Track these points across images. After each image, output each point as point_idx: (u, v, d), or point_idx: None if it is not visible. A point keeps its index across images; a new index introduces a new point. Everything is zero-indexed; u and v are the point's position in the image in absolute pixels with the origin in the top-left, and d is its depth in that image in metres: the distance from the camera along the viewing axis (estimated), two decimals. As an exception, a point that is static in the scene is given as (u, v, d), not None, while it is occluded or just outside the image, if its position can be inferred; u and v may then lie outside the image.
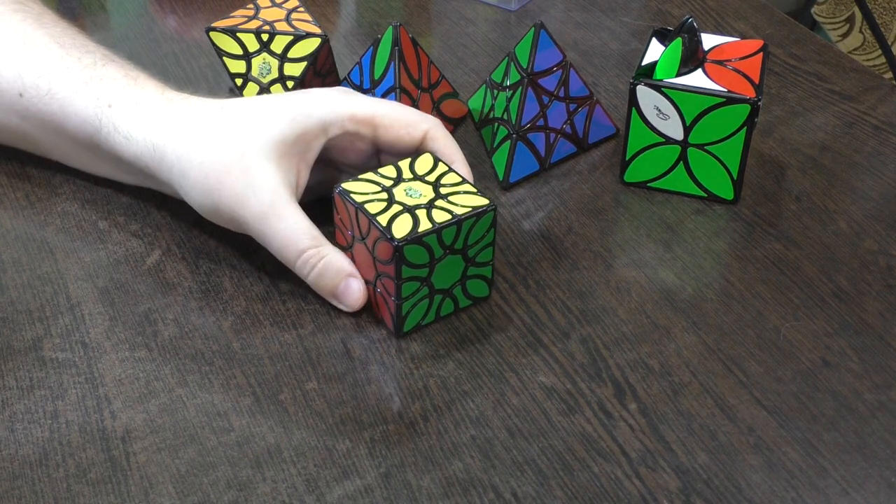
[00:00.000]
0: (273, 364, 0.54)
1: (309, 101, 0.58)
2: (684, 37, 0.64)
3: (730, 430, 0.51)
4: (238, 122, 0.57)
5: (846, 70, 0.79)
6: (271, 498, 0.48)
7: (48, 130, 0.62)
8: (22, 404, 0.52)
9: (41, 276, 0.59)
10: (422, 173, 0.57)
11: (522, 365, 0.55)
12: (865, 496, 0.49)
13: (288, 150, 0.56)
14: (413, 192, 0.55)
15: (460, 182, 0.56)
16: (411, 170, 0.57)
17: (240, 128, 0.57)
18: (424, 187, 0.56)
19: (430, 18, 0.85)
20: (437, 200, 0.55)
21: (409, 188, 0.55)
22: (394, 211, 0.54)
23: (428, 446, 0.50)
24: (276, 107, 0.57)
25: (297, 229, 0.56)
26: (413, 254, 0.53)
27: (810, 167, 0.69)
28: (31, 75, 0.62)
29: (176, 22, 0.83)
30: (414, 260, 0.53)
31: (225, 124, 0.57)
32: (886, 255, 0.62)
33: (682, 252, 0.62)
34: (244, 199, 0.56)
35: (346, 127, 0.58)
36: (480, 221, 0.55)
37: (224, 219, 0.58)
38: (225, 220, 0.58)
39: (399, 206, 0.54)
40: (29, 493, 0.48)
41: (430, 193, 0.55)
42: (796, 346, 0.56)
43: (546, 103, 0.67)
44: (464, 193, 0.56)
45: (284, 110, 0.57)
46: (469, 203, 0.55)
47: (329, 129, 0.58)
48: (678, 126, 0.64)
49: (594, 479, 0.49)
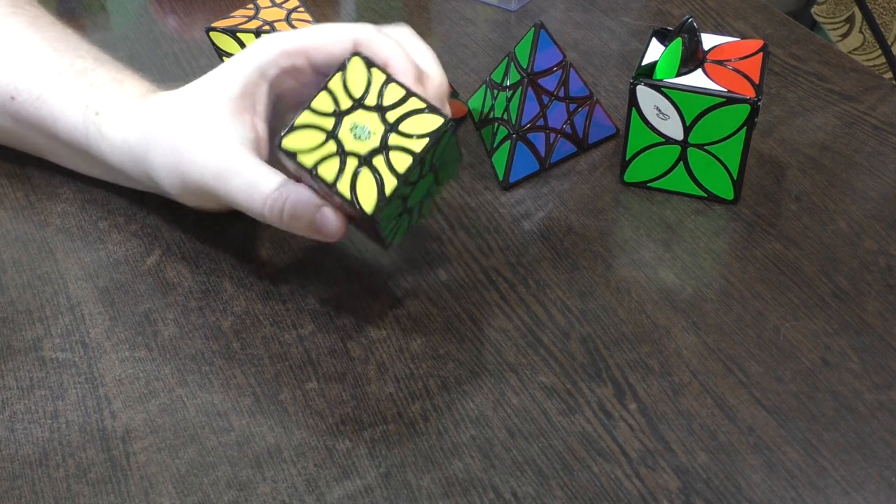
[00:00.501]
0: (273, 364, 0.54)
1: (242, 53, 0.58)
2: (684, 37, 0.64)
3: (730, 430, 0.52)
4: (193, 97, 0.57)
5: (846, 70, 0.79)
6: (271, 498, 0.48)
7: (41, 135, 0.63)
8: (22, 404, 0.52)
9: (41, 276, 0.59)
10: (359, 95, 0.53)
11: (522, 365, 0.55)
12: (865, 496, 0.49)
13: (236, 107, 0.56)
14: (361, 132, 0.52)
15: (404, 97, 0.52)
16: (347, 93, 0.53)
17: (194, 102, 0.57)
18: (370, 119, 0.52)
19: (430, 18, 0.85)
20: (391, 135, 0.51)
21: (354, 126, 0.52)
22: (351, 169, 0.51)
23: (428, 446, 0.50)
24: (219, 71, 0.58)
25: (255, 179, 0.55)
26: (387, 212, 0.52)
27: (810, 167, 0.69)
28: (23, 80, 0.62)
29: (176, 22, 0.83)
30: (388, 213, 0.52)
31: (183, 104, 0.58)
32: (886, 255, 0.62)
33: (682, 252, 0.62)
34: (203, 167, 0.56)
35: (281, 64, 0.57)
36: (441, 144, 0.52)
37: (198, 196, 0.58)
38: (200, 197, 0.58)
39: (354, 160, 0.51)
40: (29, 493, 0.48)
41: (378, 127, 0.52)
42: (796, 346, 0.56)
43: (546, 103, 0.67)
44: (414, 114, 0.52)
45: (225, 71, 0.57)
46: (423, 128, 0.51)
47: (267, 73, 0.57)
48: (678, 126, 0.64)
49: (594, 479, 0.49)
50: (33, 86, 0.61)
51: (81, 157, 0.62)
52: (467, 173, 0.68)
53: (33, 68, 0.62)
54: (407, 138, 0.51)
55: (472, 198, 0.66)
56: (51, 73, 0.62)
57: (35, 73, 0.62)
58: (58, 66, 0.62)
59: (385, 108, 0.52)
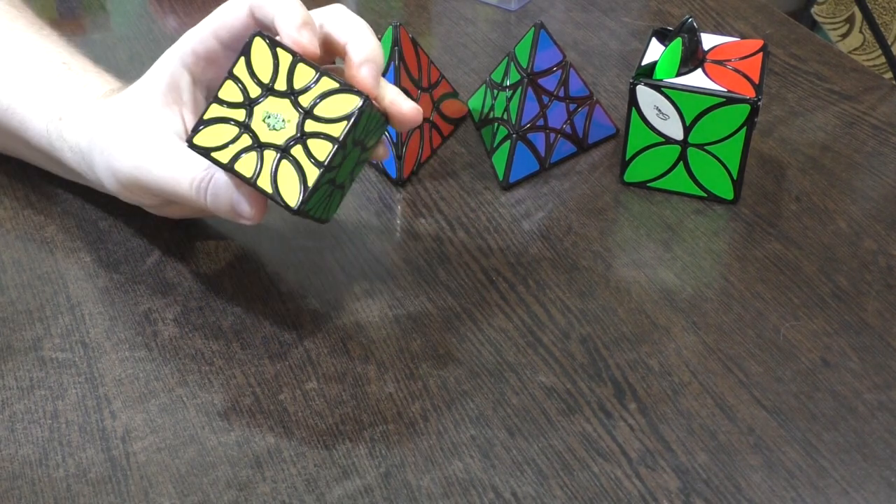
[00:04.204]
0: (273, 364, 0.54)
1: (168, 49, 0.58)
2: (684, 37, 0.64)
3: (730, 430, 0.52)
4: (128, 96, 0.58)
5: (846, 70, 0.79)
6: (271, 498, 0.48)
7: (18, 142, 0.63)
8: (22, 404, 0.52)
9: (41, 276, 0.59)
10: (267, 80, 0.50)
11: (522, 365, 0.55)
12: (865, 496, 0.49)
13: (164, 100, 0.56)
14: (275, 122, 0.49)
15: (315, 78, 0.50)
16: (254, 79, 0.50)
17: (128, 101, 0.57)
18: (283, 106, 0.50)
19: (430, 18, 0.85)
20: (307, 122, 0.49)
21: (267, 115, 0.50)
22: (269, 162, 0.49)
23: (428, 446, 0.50)
24: (152, 68, 0.58)
25: (182, 163, 0.55)
26: (314, 200, 0.50)
27: (810, 167, 0.69)
28: None
29: (176, 22, 0.83)
30: (317, 199, 0.51)
31: (120, 104, 0.58)
32: (886, 255, 0.62)
33: (682, 252, 0.62)
34: (133, 159, 0.56)
35: (197, 50, 0.56)
36: (361, 122, 0.50)
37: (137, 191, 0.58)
38: (139, 192, 0.58)
39: (272, 153, 0.49)
40: (29, 493, 0.48)
41: (293, 115, 0.49)
42: (796, 346, 0.56)
43: (546, 103, 0.67)
44: (329, 96, 0.49)
45: (154, 67, 0.57)
46: (340, 110, 0.49)
47: (185, 60, 0.56)
48: (678, 126, 0.64)
49: (594, 479, 0.49)
50: (2, 96, 0.62)
51: (52, 162, 0.63)
52: (467, 173, 0.68)
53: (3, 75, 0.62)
54: (325, 123, 0.49)
55: (472, 198, 0.66)
56: (20, 81, 0.62)
57: (4, 81, 0.62)
58: (28, 75, 0.62)
59: (297, 91, 0.50)
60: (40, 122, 0.61)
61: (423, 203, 0.65)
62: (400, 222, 0.64)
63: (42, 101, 0.61)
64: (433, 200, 0.66)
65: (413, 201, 0.66)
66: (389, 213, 0.65)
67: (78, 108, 0.60)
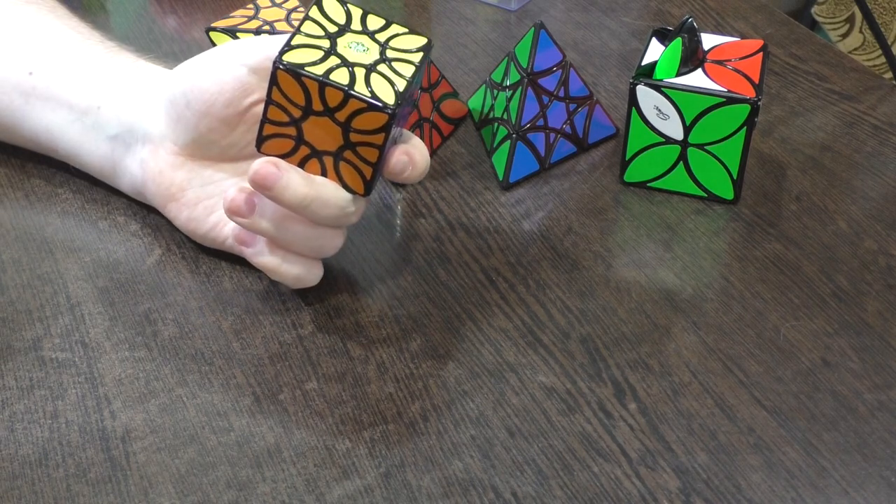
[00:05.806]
0: (273, 364, 0.54)
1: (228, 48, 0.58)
2: (684, 37, 0.64)
3: (730, 430, 0.52)
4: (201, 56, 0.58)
5: (846, 70, 0.79)
6: (271, 498, 0.48)
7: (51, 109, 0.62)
8: (22, 404, 0.52)
9: (41, 276, 0.59)
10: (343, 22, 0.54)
11: (522, 365, 0.55)
12: (865, 496, 0.49)
13: None
14: (358, 47, 0.53)
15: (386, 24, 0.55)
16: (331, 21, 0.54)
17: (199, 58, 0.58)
18: (363, 39, 0.54)
19: (430, 18, 0.85)
20: (387, 50, 0.54)
21: (351, 43, 0.53)
22: (360, 75, 0.52)
23: (428, 446, 0.50)
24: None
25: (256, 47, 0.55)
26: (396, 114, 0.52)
27: (810, 167, 0.69)
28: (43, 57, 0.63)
29: (176, 22, 0.83)
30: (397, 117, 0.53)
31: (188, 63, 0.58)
32: (886, 255, 0.62)
33: (682, 252, 0.62)
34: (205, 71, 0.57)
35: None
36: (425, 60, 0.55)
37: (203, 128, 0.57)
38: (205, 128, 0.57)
39: (361, 69, 0.52)
40: (29, 493, 0.48)
41: (373, 45, 0.54)
42: (796, 346, 0.56)
43: (546, 103, 0.67)
44: (400, 36, 0.55)
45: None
46: (413, 44, 0.54)
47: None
48: (678, 126, 0.64)
49: (594, 479, 0.49)
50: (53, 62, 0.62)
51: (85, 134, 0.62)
52: (467, 173, 0.68)
53: (54, 47, 0.63)
54: (402, 52, 0.54)
55: (472, 198, 0.66)
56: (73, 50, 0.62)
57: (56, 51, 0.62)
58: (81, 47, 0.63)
59: (372, 31, 0.55)
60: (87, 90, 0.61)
61: (423, 203, 0.65)
62: (400, 222, 0.64)
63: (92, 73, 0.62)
64: (433, 200, 0.66)
65: (413, 201, 0.66)
66: (389, 213, 0.65)
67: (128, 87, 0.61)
